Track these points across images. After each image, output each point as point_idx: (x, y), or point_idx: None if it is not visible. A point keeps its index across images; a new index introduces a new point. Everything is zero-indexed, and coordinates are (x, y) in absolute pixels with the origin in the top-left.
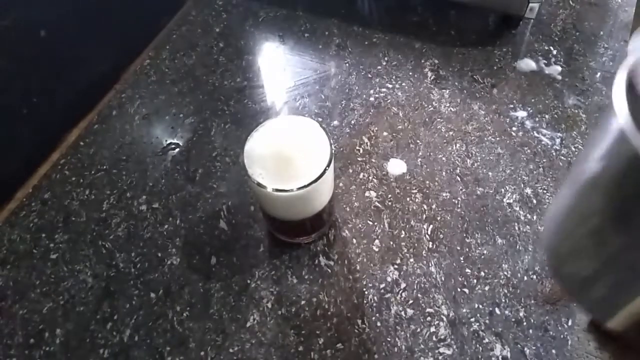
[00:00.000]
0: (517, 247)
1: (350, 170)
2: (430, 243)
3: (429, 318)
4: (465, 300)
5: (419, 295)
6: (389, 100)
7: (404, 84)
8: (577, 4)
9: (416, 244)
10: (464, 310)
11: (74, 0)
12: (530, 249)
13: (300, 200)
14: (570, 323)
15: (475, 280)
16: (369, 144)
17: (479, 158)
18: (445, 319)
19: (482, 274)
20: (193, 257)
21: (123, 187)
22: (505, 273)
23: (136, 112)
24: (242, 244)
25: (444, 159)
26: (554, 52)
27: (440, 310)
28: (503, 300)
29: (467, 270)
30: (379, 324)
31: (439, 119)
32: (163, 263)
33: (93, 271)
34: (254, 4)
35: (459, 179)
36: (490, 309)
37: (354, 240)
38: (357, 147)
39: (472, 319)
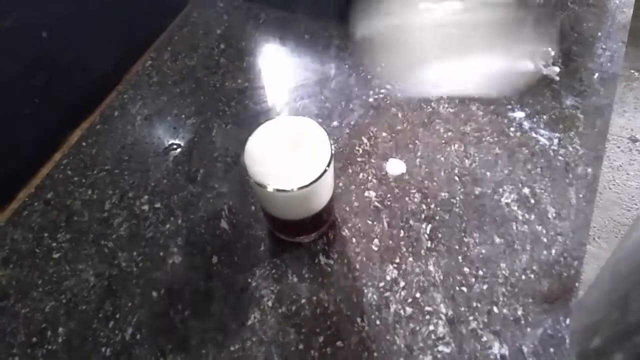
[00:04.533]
0: (515, 246)
1: (350, 171)
2: (429, 242)
3: (427, 316)
4: (464, 299)
5: (418, 294)
6: (388, 102)
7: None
8: (575, 5)
9: (415, 243)
10: (463, 309)
11: (76, 1)
12: (528, 249)
13: (301, 200)
14: (567, 322)
15: (473, 279)
16: (368, 144)
17: (477, 158)
18: (444, 317)
19: (481, 273)
20: (194, 257)
21: (125, 187)
22: (504, 272)
23: (138, 112)
24: (243, 244)
25: (442, 159)
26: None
27: (439, 308)
28: (501, 299)
29: (466, 269)
30: (378, 322)
31: (437, 120)
32: (165, 262)
33: (95, 270)
34: (255, 6)
35: (458, 179)
36: (489, 307)
37: (354, 240)
38: (357, 148)
39: (471, 318)
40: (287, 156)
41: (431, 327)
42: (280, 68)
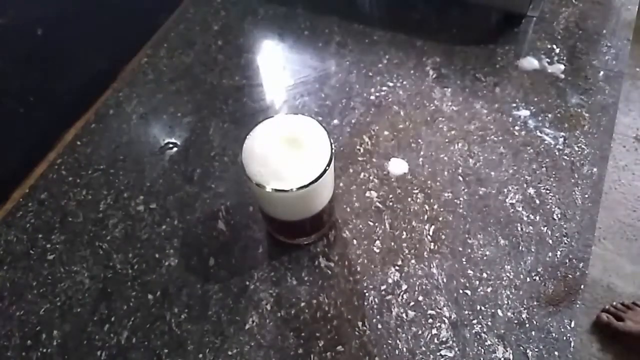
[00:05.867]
0: (520, 248)
1: (351, 170)
2: (432, 244)
3: (430, 320)
4: (468, 302)
5: (421, 297)
6: (390, 99)
7: (405, 83)
8: (580, 2)
9: (418, 245)
10: (466, 312)
11: None
12: (533, 250)
13: (300, 201)
14: (573, 325)
15: (477, 282)
16: (369, 143)
17: (481, 158)
18: (447, 321)
19: (485, 275)
20: (191, 259)
21: (120, 187)
22: (508, 274)
23: (133, 111)
24: (241, 245)
25: (445, 158)
26: (557, 50)
27: (442, 312)
28: (505, 302)
29: (470, 271)
30: (379, 326)
31: (440, 118)
32: (161, 264)
33: (90, 272)
34: (253, 2)
35: (461, 179)
36: (493, 310)
37: (355, 241)
38: (358, 147)
39: (474, 321)
40: (286, 155)
41: (434, 331)
42: (279, 65)
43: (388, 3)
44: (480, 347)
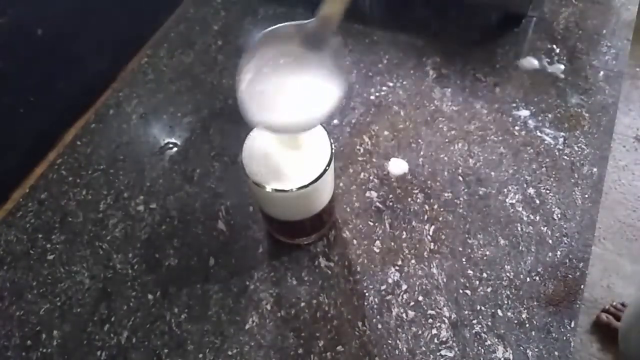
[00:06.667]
0: (520, 248)
1: (351, 170)
2: (432, 244)
3: (430, 320)
4: (468, 302)
5: (421, 297)
6: (390, 99)
7: (405, 83)
8: (580, 2)
9: (418, 245)
10: (466, 312)
11: None
12: (533, 250)
13: (300, 201)
14: (573, 325)
15: (477, 282)
16: (369, 143)
17: (481, 158)
18: (447, 321)
19: (485, 275)
20: (191, 259)
21: (120, 187)
22: (508, 274)
23: (133, 111)
24: (241, 245)
25: (445, 158)
26: (557, 50)
27: (442, 312)
28: (505, 302)
29: (470, 271)
30: (379, 326)
31: (440, 118)
32: (161, 264)
33: (90, 272)
34: (253, 2)
35: (461, 179)
36: (493, 310)
37: (355, 241)
38: (358, 147)
39: (474, 321)
40: (286, 155)
41: (434, 331)
42: None
43: (388, 3)
44: (480, 347)
